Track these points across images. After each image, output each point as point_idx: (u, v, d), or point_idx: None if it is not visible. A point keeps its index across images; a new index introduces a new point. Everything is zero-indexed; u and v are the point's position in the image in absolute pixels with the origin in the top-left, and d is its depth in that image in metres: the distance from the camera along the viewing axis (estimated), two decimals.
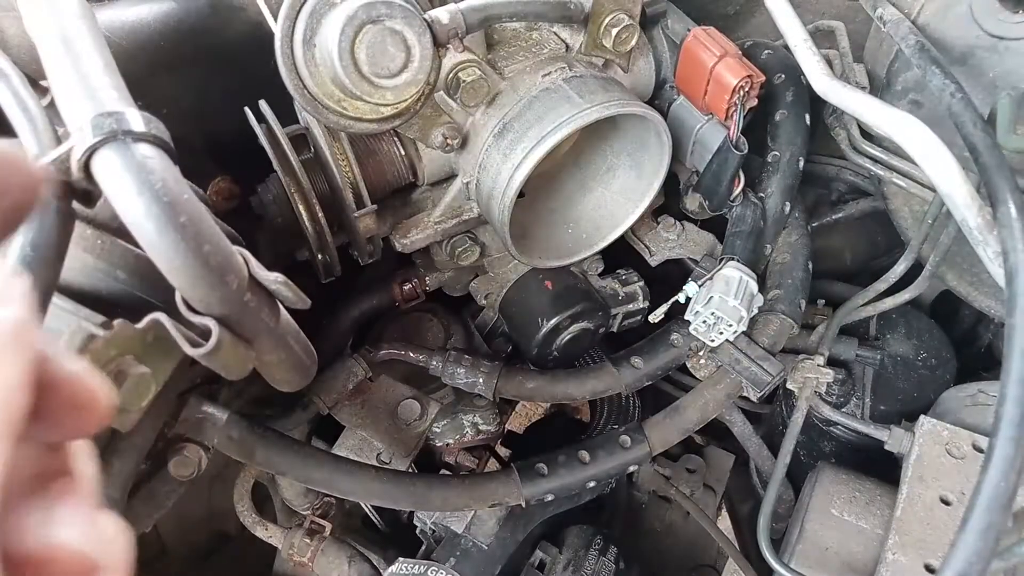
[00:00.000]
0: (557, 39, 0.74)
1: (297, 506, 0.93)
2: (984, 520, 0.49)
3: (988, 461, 0.50)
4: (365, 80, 0.58)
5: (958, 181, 0.54)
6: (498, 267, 0.85)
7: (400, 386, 0.84)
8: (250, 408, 0.81)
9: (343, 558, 0.90)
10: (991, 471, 0.50)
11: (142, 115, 0.45)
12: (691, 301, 0.74)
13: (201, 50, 0.81)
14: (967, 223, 0.56)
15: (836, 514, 0.86)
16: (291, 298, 0.48)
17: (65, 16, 0.49)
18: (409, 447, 0.82)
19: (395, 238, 0.75)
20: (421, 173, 0.75)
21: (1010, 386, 0.51)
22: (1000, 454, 0.50)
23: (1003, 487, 0.49)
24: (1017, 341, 0.52)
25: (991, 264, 0.56)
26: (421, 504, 0.75)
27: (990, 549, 0.49)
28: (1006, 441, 0.50)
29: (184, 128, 0.51)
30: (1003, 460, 0.50)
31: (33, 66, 0.54)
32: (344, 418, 0.83)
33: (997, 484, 0.49)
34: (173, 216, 0.42)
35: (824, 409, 0.94)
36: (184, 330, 0.45)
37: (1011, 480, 0.49)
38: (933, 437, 0.84)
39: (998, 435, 0.50)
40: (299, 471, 0.70)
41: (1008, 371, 0.52)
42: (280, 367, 0.52)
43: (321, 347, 0.66)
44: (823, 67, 0.74)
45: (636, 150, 0.78)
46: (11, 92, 0.51)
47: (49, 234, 0.43)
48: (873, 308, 0.94)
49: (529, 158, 0.65)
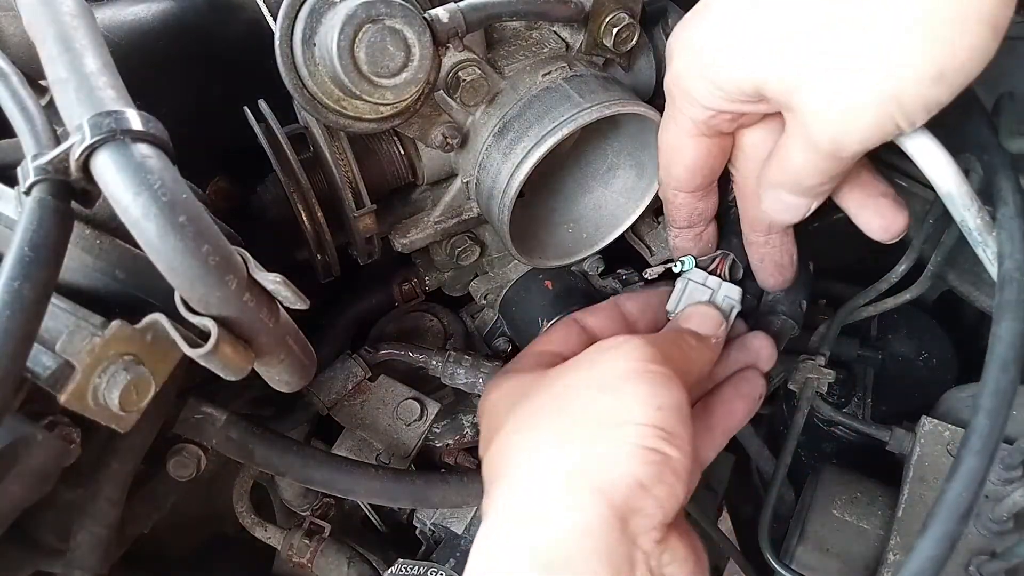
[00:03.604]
0: (557, 38, 0.73)
1: (296, 507, 0.92)
2: (941, 529, 0.49)
3: (954, 471, 0.50)
4: (365, 79, 0.58)
5: (957, 181, 0.54)
6: (498, 267, 0.85)
7: (400, 386, 0.84)
8: (249, 409, 0.81)
9: (342, 559, 0.90)
10: (955, 481, 0.50)
11: (141, 115, 0.44)
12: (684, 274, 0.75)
13: (200, 49, 0.81)
14: (966, 224, 0.55)
15: (837, 515, 0.86)
16: (290, 298, 0.48)
17: (64, 15, 0.49)
18: (408, 448, 0.82)
19: (395, 238, 0.75)
20: (421, 173, 0.74)
21: (984, 397, 0.51)
22: (966, 466, 0.50)
23: (964, 498, 0.49)
24: (998, 351, 0.52)
25: (990, 265, 0.56)
26: (420, 502, 0.75)
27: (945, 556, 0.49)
28: (972, 454, 0.50)
29: (183, 127, 0.51)
30: (968, 472, 0.50)
31: (32, 65, 0.54)
32: (343, 418, 0.82)
33: (959, 495, 0.50)
34: (172, 216, 0.42)
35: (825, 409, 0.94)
36: (183, 330, 0.45)
37: (972, 491, 0.49)
38: (934, 437, 0.84)
39: (967, 445, 0.50)
40: (298, 471, 0.70)
41: (985, 382, 0.51)
42: (279, 367, 0.52)
43: (320, 347, 0.66)
44: None
45: (637, 149, 0.78)
46: (10, 92, 0.51)
47: (47, 234, 0.43)
48: (874, 308, 0.94)
49: (529, 157, 0.65)
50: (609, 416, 0.54)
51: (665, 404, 0.54)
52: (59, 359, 0.45)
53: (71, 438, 0.52)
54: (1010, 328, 0.52)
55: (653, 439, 0.52)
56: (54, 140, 0.48)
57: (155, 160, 0.43)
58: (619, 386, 0.55)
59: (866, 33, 0.47)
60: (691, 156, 0.64)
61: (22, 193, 0.44)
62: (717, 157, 0.64)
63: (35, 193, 0.44)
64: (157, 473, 0.69)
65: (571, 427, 0.55)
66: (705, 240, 0.74)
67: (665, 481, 0.52)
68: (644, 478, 0.51)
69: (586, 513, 0.50)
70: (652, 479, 0.51)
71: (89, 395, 0.45)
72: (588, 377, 0.58)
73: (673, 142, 0.64)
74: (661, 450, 0.52)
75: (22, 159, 0.46)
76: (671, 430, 0.53)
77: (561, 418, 0.56)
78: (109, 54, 0.49)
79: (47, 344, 0.46)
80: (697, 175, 0.65)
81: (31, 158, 0.45)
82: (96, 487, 0.61)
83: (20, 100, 0.50)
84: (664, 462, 0.52)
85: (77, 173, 0.44)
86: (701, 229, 0.73)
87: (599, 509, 0.50)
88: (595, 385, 0.57)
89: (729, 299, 0.72)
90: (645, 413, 0.53)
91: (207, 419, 0.68)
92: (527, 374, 0.64)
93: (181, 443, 0.68)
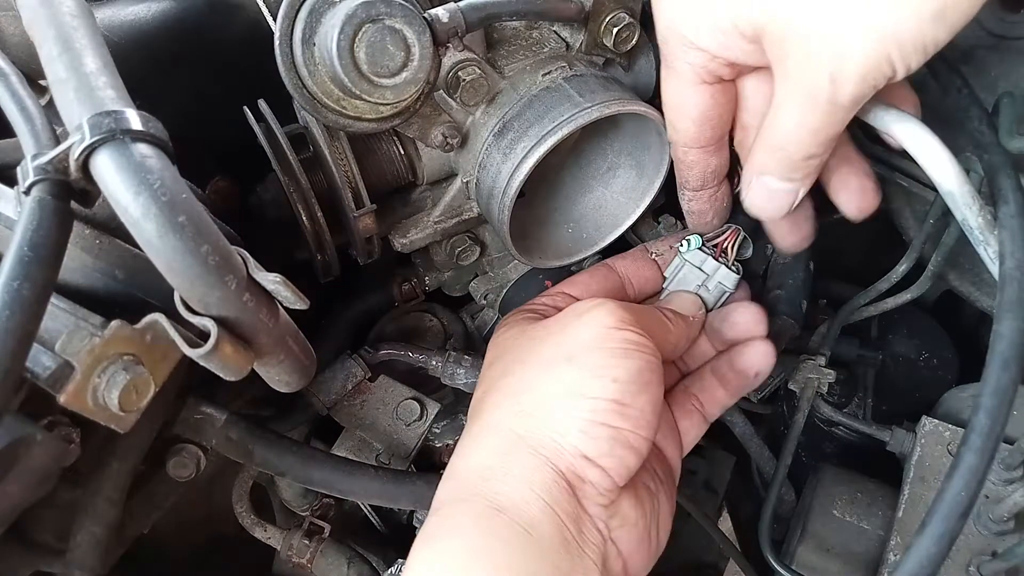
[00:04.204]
0: (557, 38, 0.73)
1: (296, 507, 0.92)
2: (940, 527, 0.49)
3: (954, 469, 0.50)
4: (364, 79, 0.58)
5: (959, 180, 0.54)
6: (498, 267, 0.85)
7: (399, 386, 0.84)
8: (249, 409, 0.81)
9: (342, 559, 0.90)
10: (955, 479, 0.50)
11: (140, 114, 0.44)
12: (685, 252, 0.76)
13: (200, 49, 0.81)
14: (967, 223, 0.55)
15: (838, 515, 0.86)
16: (290, 298, 0.48)
17: (63, 15, 0.49)
18: (408, 448, 0.81)
19: (394, 238, 0.75)
20: (421, 172, 0.74)
21: (985, 396, 0.51)
22: (966, 464, 0.50)
23: (963, 496, 0.49)
24: (999, 350, 0.52)
25: (992, 265, 0.55)
26: (420, 503, 0.75)
27: (943, 554, 0.49)
28: (973, 452, 0.50)
29: (182, 127, 0.51)
30: (967, 470, 0.50)
31: (32, 65, 0.54)
32: (343, 419, 0.82)
33: (958, 493, 0.50)
34: (171, 216, 0.42)
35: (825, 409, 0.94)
36: (183, 330, 0.45)
37: (972, 490, 0.49)
38: (935, 438, 0.83)
39: (967, 444, 0.50)
40: (298, 472, 0.70)
41: (986, 380, 0.51)
42: (279, 368, 0.52)
43: (320, 347, 0.66)
44: None
45: (637, 149, 0.78)
46: (9, 91, 0.51)
47: (47, 234, 0.43)
48: (875, 308, 0.94)
49: (529, 157, 0.65)
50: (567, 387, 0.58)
51: (622, 376, 0.57)
52: (59, 359, 0.45)
53: (71, 438, 0.52)
54: (1011, 327, 0.52)
55: (604, 413, 0.56)
56: (54, 140, 0.48)
57: (155, 160, 0.43)
58: (581, 357, 0.59)
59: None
60: (696, 107, 0.62)
61: (22, 193, 0.44)
62: (723, 105, 0.63)
63: (35, 193, 0.44)
64: (157, 473, 0.69)
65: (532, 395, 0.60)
66: (720, 200, 0.73)
67: (613, 454, 0.56)
68: (590, 451, 0.55)
69: (539, 473, 0.55)
70: (598, 452, 0.55)
71: (89, 395, 0.45)
72: (559, 343, 0.62)
73: (676, 95, 0.63)
74: (611, 424, 0.56)
75: (22, 159, 0.46)
76: (625, 401, 0.56)
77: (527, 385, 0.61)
78: (109, 54, 0.49)
79: (47, 344, 0.46)
80: (705, 126, 0.63)
81: (31, 158, 0.45)
82: (96, 487, 0.61)
83: (20, 100, 0.50)
84: (614, 436, 0.56)
85: (77, 173, 0.44)
86: (715, 189, 0.71)
87: (548, 472, 0.55)
88: (562, 355, 0.60)
89: (722, 285, 0.74)
90: (600, 386, 0.57)
91: (207, 419, 0.68)
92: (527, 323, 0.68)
93: (181, 443, 0.68)
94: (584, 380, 0.57)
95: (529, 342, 0.65)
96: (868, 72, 0.49)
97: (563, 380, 0.58)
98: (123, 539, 0.67)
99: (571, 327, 0.62)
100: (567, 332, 0.62)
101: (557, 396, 0.58)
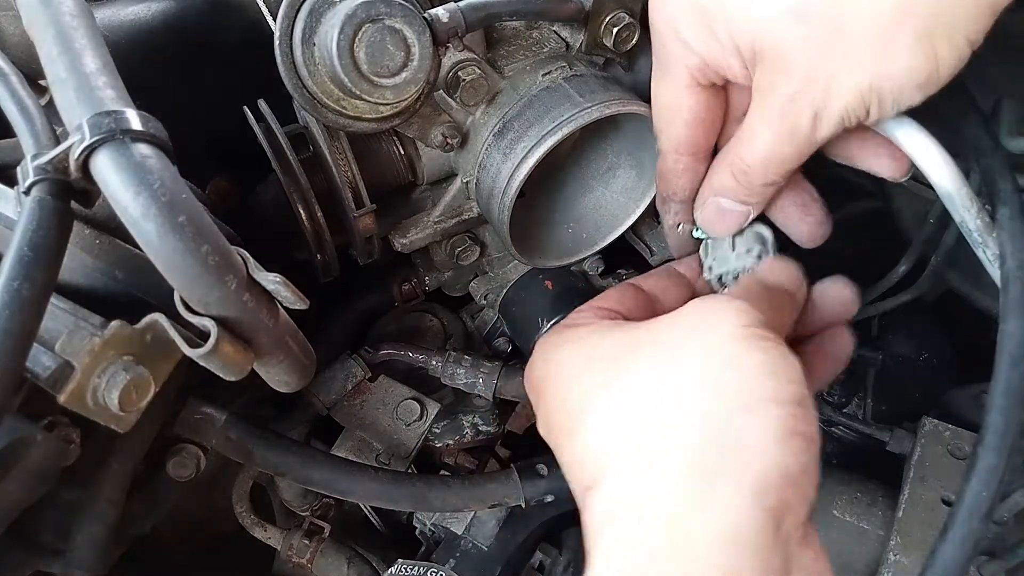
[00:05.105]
0: (557, 38, 0.73)
1: (296, 507, 0.92)
2: (964, 530, 0.49)
3: (971, 470, 0.50)
4: (364, 79, 0.58)
5: (957, 183, 0.54)
6: (498, 267, 0.85)
7: (399, 386, 0.84)
8: (249, 409, 0.80)
9: (342, 559, 0.90)
10: (973, 480, 0.50)
11: (140, 114, 0.44)
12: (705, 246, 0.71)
13: (199, 49, 0.81)
14: (966, 224, 0.55)
15: (838, 515, 0.86)
16: (290, 298, 0.48)
17: (63, 15, 0.49)
18: (408, 448, 0.81)
19: (394, 238, 0.75)
20: (421, 172, 0.74)
21: (997, 395, 0.51)
22: (983, 464, 0.50)
23: (984, 496, 0.50)
24: (1008, 349, 0.52)
25: (990, 267, 0.56)
26: (420, 505, 0.75)
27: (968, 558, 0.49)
28: (990, 451, 0.50)
29: (182, 127, 0.51)
30: (986, 470, 0.50)
31: (32, 65, 0.54)
32: (343, 419, 0.82)
33: (979, 494, 0.50)
34: (171, 215, 0.41)
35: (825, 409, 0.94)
36: (182, 330, 0.45)
37: (992, 490, 0.50)
38: (935, 438, 0.83)
39: (983, 443, 0.50)
40: (298, 472, 0.70)
41: (998, 379, 0.52)
42: (279, 368, 0.52)
43: (320, 347, 0.66)
44: None
45: (637, 149, 0.78)
46: (9, 91, 0.51)
47: (47, 234, 0.43)
48: (875, 308, 0.94)
49: (529, 157, 0.65)
50: (738, 393, 0.45)
51: (795, 377, 0.46)
52: (59, 359, 0.45)
53: (71, 438, 0.52)
54: (1019, 325, 0.52)
55: (801, 420, 0.44)
56: (54, 140, 0.48)
57: (154, 160, 0.43)
58: (738, 356, 0.47)
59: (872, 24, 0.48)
60: (690, 110, 0.60)
61: (22, 193, 0.44)
62: (715, 111, 0.61)
63: (35, 193, 0.44)
64: (157, 473, 0.69)
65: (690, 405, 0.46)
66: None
67: (810, 471, 0.44)
68: (793, 469, 0.43)
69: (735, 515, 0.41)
70: (800, 469, 0.43)
71: (88, 395, 0.45)
72: (695, 342, 0.49)
73: (669, 97, 0.60)
74: (808, 433, 0.44)
75: (22, 159, 0.46)
76: (809, 406, 0.46)
77: (674, 394, 0.47)
78: (109, 54, 0.49)
79: (47, 344, 0.46)
80: (699, 131, 0.61)
81: (31, 158, 0.45)
82: (96, 487, 0.61)
83: (20, 100, 0.50)
84: (810, 448, 0.44)
85: (77, 173, 0.44)
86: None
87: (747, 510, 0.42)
88: (715, 358, 0.47)
89: (760, 235, 0.66)
90: (783, 389, 0.45)
91: (207, 419, 0.68)
92: (594, 326, 0.56)
93: (181, 443, 0.68)
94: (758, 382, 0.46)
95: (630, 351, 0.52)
96: (848, 115, 0.51)
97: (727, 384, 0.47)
98: (123, 539, 0.67)
99: (705, 323, 0.51)
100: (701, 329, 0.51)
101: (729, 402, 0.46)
